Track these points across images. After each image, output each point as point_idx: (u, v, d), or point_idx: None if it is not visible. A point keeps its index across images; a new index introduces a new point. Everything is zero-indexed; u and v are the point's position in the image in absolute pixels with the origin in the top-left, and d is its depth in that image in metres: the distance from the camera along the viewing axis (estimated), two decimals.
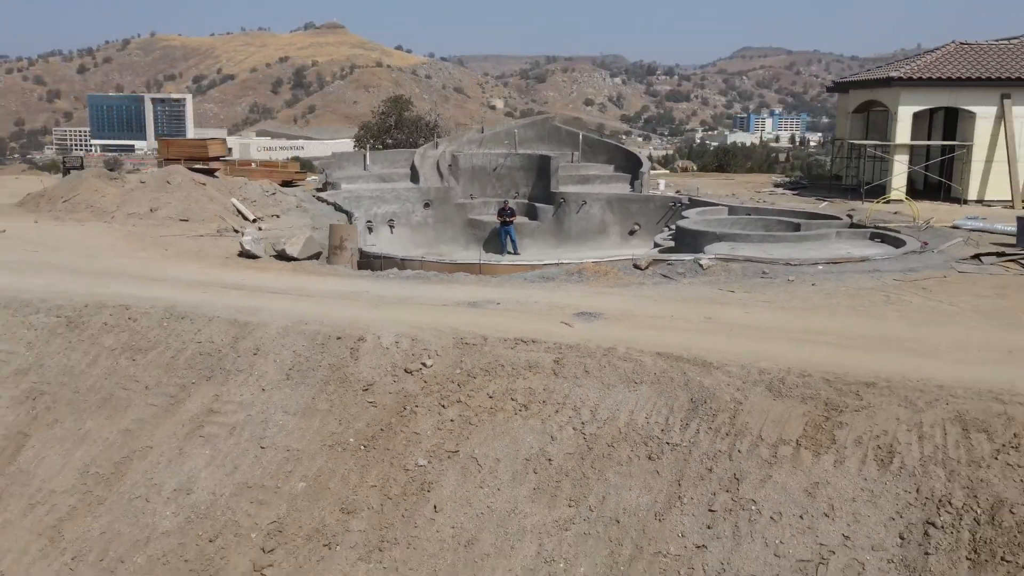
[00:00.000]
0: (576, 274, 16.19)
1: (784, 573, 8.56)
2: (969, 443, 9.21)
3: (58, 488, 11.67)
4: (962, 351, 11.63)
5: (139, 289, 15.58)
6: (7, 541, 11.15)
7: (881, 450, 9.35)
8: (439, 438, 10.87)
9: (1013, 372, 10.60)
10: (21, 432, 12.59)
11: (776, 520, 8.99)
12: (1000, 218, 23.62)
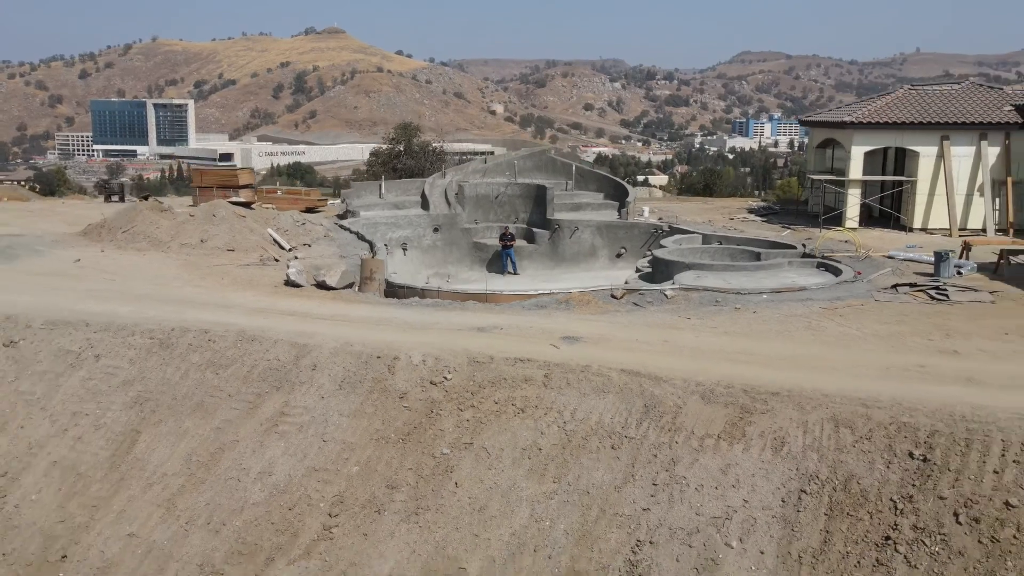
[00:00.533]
0: (564, 303, 20.03)
1: (702, 526, 12.36)
2: (837, 436, 13.00)
3: (168, 471, 15.47)
4: (852, 369, 15.43)
5: (212, 315, 19.39)
6: (134, 511, 14.94)
7: (776, 441, 13.15)
8: (458, 433, 14.66)
9: (882, 385, 14.39)
10: (134, 430, 16.38)
11: (699, 490, 12.78)
12: (937, 246, 27.43)
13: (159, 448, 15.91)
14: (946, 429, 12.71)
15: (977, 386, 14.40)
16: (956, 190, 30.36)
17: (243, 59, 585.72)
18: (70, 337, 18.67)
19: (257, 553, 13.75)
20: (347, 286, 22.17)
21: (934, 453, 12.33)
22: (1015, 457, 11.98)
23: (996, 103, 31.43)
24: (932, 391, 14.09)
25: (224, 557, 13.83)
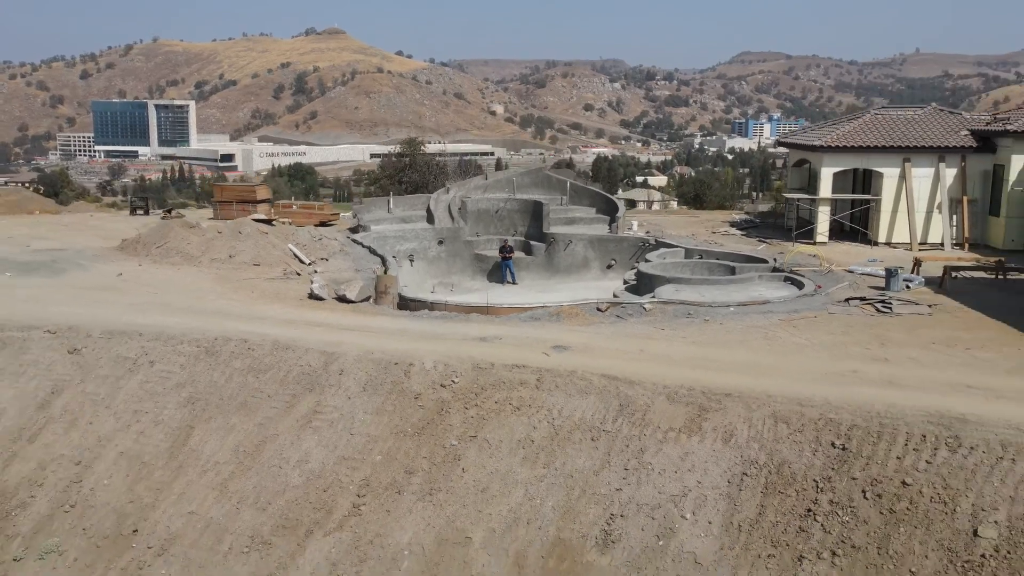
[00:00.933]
0: (555, 315, 22.97)
1: (663, 502, 15.27)
2: (775, 429, 15.92)
3: (219, 460, 18.39)
4: (796, 374, 18.36)
5: (248, 326, 22.32)
6: (192, 493, 17.86)
7: (725, 433, 16.07)
8: (464, 428, 17.58)
9: (818, 387, 17.32)
10: (188, 425, 19.30)
11: (662, 473, 15.70)
12: (896, 259, 30.37)
13: (210, 441, 18.85)
14: (863, 423, 15.64)
15: (897, 388, 17.33)
16: (916, 208, 33.29)
17: (243, 59, 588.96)
18: (126, 345, 21.61)
19: (298, 527, 16.67)
20: (364, 299, 25.12)
21: (851, 443, 15.26)
22: (915, 446, 14.91)
23: (954, 128, 34.36)
24: (858, 392, 17.02)
25: (271, 530, 16.75)
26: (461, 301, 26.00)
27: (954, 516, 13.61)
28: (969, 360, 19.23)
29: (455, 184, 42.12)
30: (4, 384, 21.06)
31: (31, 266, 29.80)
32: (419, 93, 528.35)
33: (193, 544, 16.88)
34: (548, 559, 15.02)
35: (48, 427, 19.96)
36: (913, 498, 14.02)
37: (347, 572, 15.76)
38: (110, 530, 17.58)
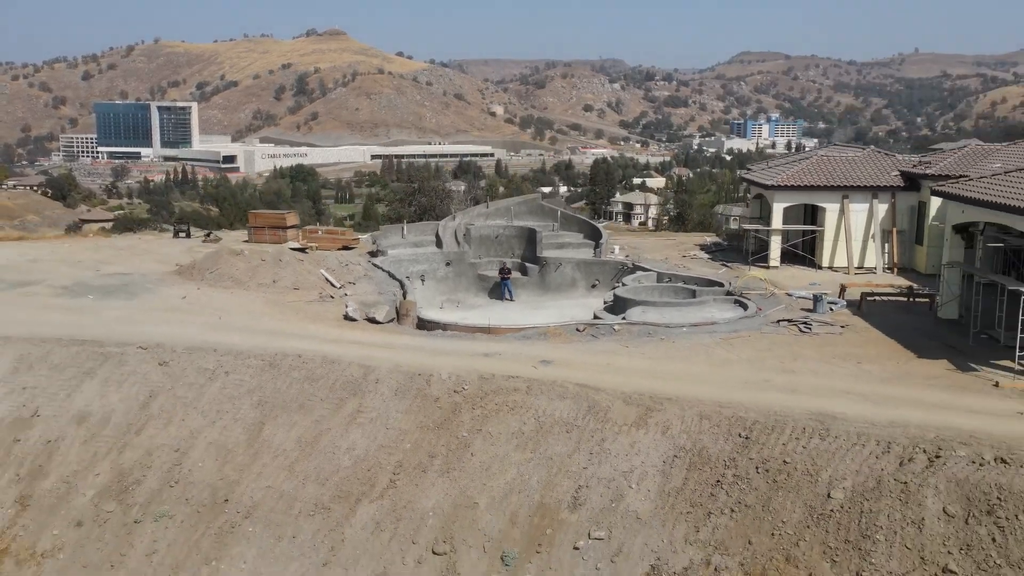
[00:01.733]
0: (543, 335, 29.02)
1: (616, 476, 21.29)
2: (700, 424, 21.96)
3: (286, 448, 24.42)
4: (721, 383, 24.40)
5: (300, 343, 28.37)
6: (268, 473, 23.86)
7: (663, 427, 22.10)
8: (472, 424, 23.60)
9: (735, 393, 23.35)
10: (260, 422, 25.33)
11: (616, 456, 21.73)
12: (835, 282, 36.37)
13: (278, 433, 24.89)
14: (763, 420, 21.68)
15: (794, 393, 23.38)
16: (854, 238, 39.33)
17: (244, 60, 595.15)
18: (205, 359, 27.66)
19: (349, 496, 22.70)
20: (390, 320, 31.17)
21: (752, 434, 21.30)
22: (796, 436, 20.95)
23: (887, 168, 40.40)
24: (764, 397, 23.08)
25: (329, 499, 22.79)
26: (468, 322, 31.93)
27: (816, 483, 19.66)
28: (856, 371, 25.30)
29: (460, 212, 48.17)
30: (111, 390, 27.12)
31: (108, 289, 35.87)
32: (419, 94, 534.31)
33: (271, 509, 22.92)
34: (533, 517, 21.06)
35: (149, 423, 26.00)
36: (790, 472, 20.07)
37: (387, 529, 21.79)
38: (207, 500, 23.62)
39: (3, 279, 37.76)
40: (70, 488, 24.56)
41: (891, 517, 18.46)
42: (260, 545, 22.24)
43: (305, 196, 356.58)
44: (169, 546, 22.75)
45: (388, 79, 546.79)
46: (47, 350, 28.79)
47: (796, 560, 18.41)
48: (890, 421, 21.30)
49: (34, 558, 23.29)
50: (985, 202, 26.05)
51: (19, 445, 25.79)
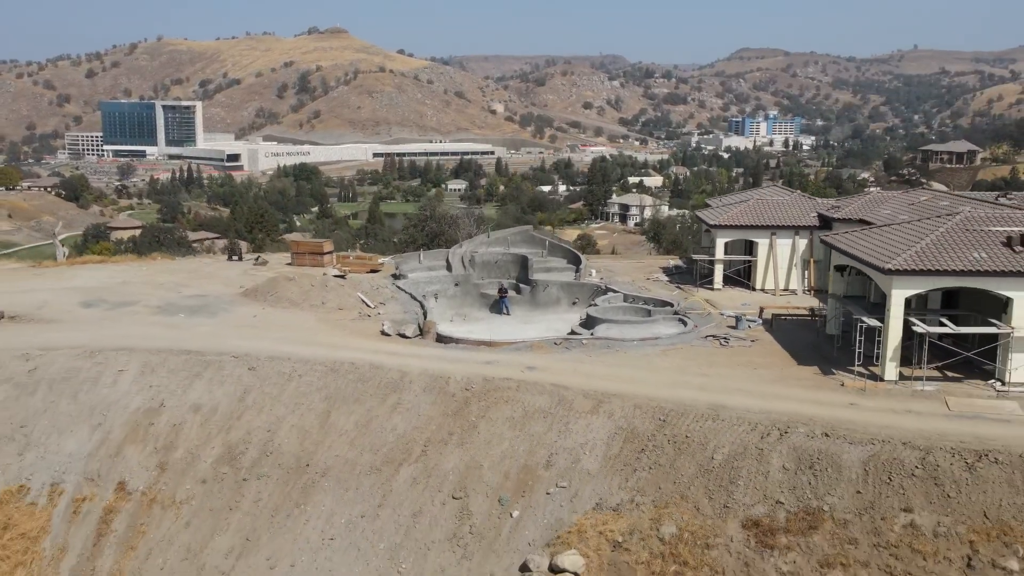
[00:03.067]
0: (529, 347, 39.59)
1: (574, 447, 31.89)
2: (634, 412, 32.56)
3: (347, 429, 35.02)
4: (654, 383, 34.98)
5: (350, 354, 38.96)
6: (335, 446, 34.46)
7: (609, 414, 32.71)
8: (478, 412, 34.21)
9: (662, 391, 33.93)
10: (327, 411, 35.93)
11: (577, 433, 32.34)
12: (762, 301, 46.87)
13: (340, 419, 35.48)
14: (678, 409, 32.26)
15: (703, 391, 33.94)
16: (780, 266, 49.89)
17: (247, 58, 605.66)
18: (282, 365, 38.26)
19: (394, 461, 33.29)
20: (416, 335, 41.75)
21: (668, 418, 31.89)
22: (697, 419, 31.52)
23: (808, 211, 50.95)
24: (681, 393, 33.65)
25: (380, 463, 33.39)
26: (474, 337, 42.49)
27: (705, 450, 30.25)
28: (750, 375, 35.92)
29: (467, 241, 58.81)
30: (215, 387, 37.72)
31: (192, 309, 46.52)
32: (420, 92, 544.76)
33: (339, 471, 33.51)
34: (520, 474, 31.65)
35: (246, 412, 36.61)
36: (689, 443, 30.65)
37: (421, 482, 32.40)
38: (293, 465, 34.21)
39: (107, 300, 48.41)
40: (194, 457, 35.20)
41: (749, 470, 29.09)
42: (333, 495, 32.85)
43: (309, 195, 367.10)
44: (269, 496, 33.39)
45: (389, 77, 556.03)
46: (163, 358, 39.43)
47: (688, 498, 29.03)
48: (761, 409, 31.89)
49: (174, 505, 33.96)
50: (844, 252, 36.67)
51: (153, 427, 36.44)
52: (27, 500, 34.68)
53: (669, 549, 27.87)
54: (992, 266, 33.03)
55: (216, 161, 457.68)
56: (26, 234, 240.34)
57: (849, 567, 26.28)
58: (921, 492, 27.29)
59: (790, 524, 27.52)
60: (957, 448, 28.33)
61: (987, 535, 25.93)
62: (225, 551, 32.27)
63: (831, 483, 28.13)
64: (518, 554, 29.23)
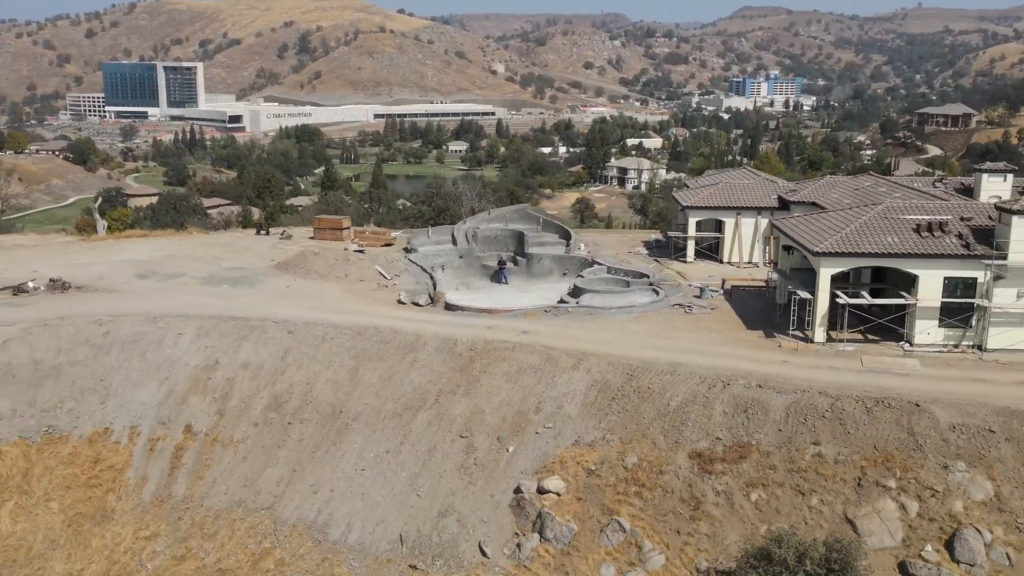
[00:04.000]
0: (524, 314, 47.25)
1: (559, 396, 39.71)
2: (607, 367, 40.31)
3: (373, 382, 42.83)
4: (625, 344, 42.67)
5: (373, 320, 46.68)
6: (364, 396, 42.28)
7: (587, 370, 40.46)
8: (481, 368, 41.98)
9: (631, 351, 41.62)
10: (355, 368, 43.73)
11: (561, 385, 40.13)
12: (725, 273, 54.44)
13: (367, 375, 43.29)
14: (642, 365, 40.01)
15: (664, 351, 41.66)
16: (744, 242, 57.37)
17: (247, 18, 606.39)
18: (316, 330, 45.98)
19: (413, 407, 41.13)
20: (428, 304, 49.39)
21: (635, 373, 39.63)
22: (657, 374, 39.27)
23: (770, 193, 58.30)
24: (647, 353, 41.38)
25: (401, 410, 41.24)
26: (476, 305, 50.11)
27: (663, 398, 38.05)
28: (706, 337, 43.62)
29: (470, 218, 66.22)
30: (261, 348, 45.44)
31: (233, 280, 54.15)
32: (421, 53, 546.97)
33: (367, 416, 41.36)
34: (514, 418, 39.49)
35: (287, 369, 44.38)
36: (651, 393, 38.42)
37: (434, 424, 40.27)
38: (328, 411, 42.05)
39: (158, 272, 56.04)
40: (246, 405, 43.06)
41: (696, 414, 36.88)
42: (363, 435, 40.73)
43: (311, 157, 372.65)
44: (310, 436, 41.29)
45: (390, 37, 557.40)
46: (215, 323, 47.12)
47: (647, 436, 36.86)
48: (710, 366, 39.61)
49: (232, 443, 41.86)
50: (786, 234, 44.20)
51: (211, 381, 44.24)
52: (111, 440, 42.59)
53: (631, 475, 35.79)
54: (902, 249, 40.57)
55: (218, 122, 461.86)
56: (37, 197, 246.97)
57: (768, 487, 34.20)
58: (828, 430, 35.11)
59: (725, 455, 35.40)
60: (861, 396, 36.12)
61: (874, 462, 33.79)
62: (276, 480, 40.23)
63: (759, 423, 35.95)
64: (513, 480, 37.14)
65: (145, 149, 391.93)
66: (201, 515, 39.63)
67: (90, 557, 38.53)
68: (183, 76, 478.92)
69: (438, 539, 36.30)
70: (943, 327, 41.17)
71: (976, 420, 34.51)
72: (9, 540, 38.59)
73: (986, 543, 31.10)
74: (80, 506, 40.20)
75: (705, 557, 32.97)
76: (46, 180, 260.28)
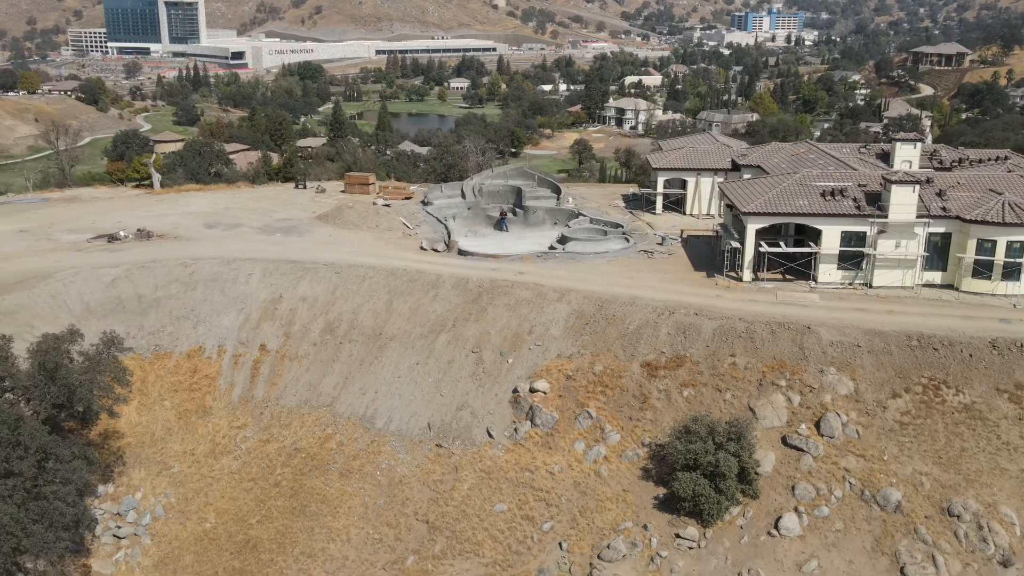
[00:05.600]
0: (520, 259, 60.45)
1: (547, 321, 53.18)
2: (583, 300, 53.72)
3: (404, 312, 56.30)
4: (599, 282, 55.94)
5: (402, 263, 60.02)
6: (397, 323, 55.83)
7: (568, 302, 53.87)
8: (487, 300, 55.38)
9: (603, 288, 54.93)
10: (390, 300, 57.15)
11: (548, 313, 53.58)
12: (687, 224, 67.51)
13: (399, 306, 56.76)
14: (609, 299, 53.40)
15: (627, 288, 54.99)
16: (703, 197, 70.29)
17: None
18: (358, 271, 59.34)
19: (435, 331, 54.64)
20: (445, 250, 62.62)
21: (604, 304, 53.05)
22: (621, 305, 52.66)
23: (725, 156, 70.91)
24: (614, 289, 54.73)
25: (426, 332, 54.75)
26: (483, 251, 63.23)
27: (624, 323, 51.51)
28: (662, 277, 56.94)
29: (476, 175, 78.98)
30: (315, 285, 58.81)
31: (285, 230, 67.26)
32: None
33: (401, 337, 54.91)
34: (513, 338, 53.00)
35: (336, 301, 57.82)
36: (617, 319, 51.87)
37: (452, 343, 53.83)
38: (371, 333, 55.59)
39: (221, 223, 69.17)
40: (306, 330, 56.59)
41: (647, 334, 50.38)
42: (398, 351, 54.33)
43: (315, 95, 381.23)
44: (357, 352, 54.90)
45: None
46: (276, 265, 60.38)
47: (611, 351, 50.40)
48: (661, 299, 52.98)
49: (296, 358, 55.49)
50: (726, 196, 57.14)
51: (277, 310, 57.70)
52: (204, 356, 56.20)
53: (598, 379, 49.39)
54: (810, 210, 53.60)
55: (220, 59, 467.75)
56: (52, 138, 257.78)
57: (696, 387, 47.81)
58: (742, 346, 48.61)
59: (667, 364, 48.97)
60: (769, 321, 49.55)
61: (772, 368, 47.36)
62: (333, 385, 53.90)
63: (693, 341, 49.44)
64: (511, 383, 50.74)
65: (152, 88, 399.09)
66: (278, 411, 53.45)
67: (197, 440, 52.44)
68: (184, 11, 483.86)
69: (456, 426, 50.06)
70: (840, 269, 54.42)
71: (849, 338, 48.01)
72: (137, 428, 52.43)
73: (843, 423, 44.83)
74: (186, 404, 54.00)
75: (648, 435, 46.76)
76: (61, 121, 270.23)
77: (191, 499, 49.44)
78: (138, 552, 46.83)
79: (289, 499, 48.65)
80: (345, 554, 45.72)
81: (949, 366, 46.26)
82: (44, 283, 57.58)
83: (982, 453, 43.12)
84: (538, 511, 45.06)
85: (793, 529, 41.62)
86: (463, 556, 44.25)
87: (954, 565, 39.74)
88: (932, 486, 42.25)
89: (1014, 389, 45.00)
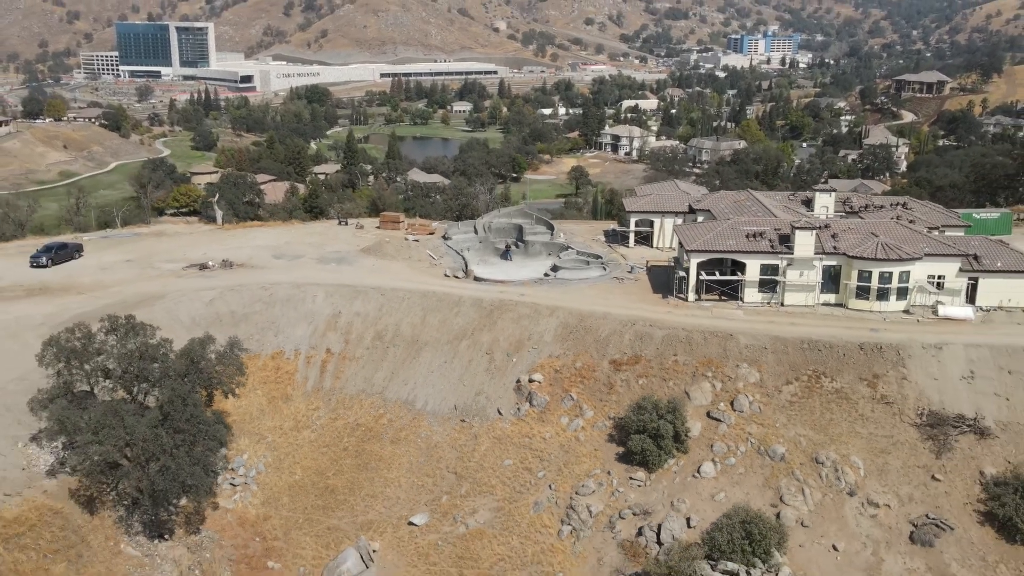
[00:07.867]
0: (522, 283, 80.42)
1: (541, 331, 73.21)
2: (568, 316, 73.73)
3: (434, 324, 76.35)
4: (580, 302, 76.13)
5: (430, 287, 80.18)
6: (430, 331, 75.82)
7: (557, 317, 73.88)
8: (497, 315, 75.40)
9: (583, 305, 75.05)
10: (424, 316, 77.20)
11: (541, 325, 73.62)
12: (651, 256, 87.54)
13: (431, 319, 76.83)
14: (588, 314, 73.47)
15: (603, 306, 75.02)
16: (666, 235, 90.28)
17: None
18: (399, 294, 79.53)
19: (459, 338, 74.62)
20: (464, 276, 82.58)
21: (584, 319, 73.09)
22: (596, 319, 72.70)
23: (684, 201, 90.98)
24: (592, 307, 74.77)
25: (453, 339, 74.75)
26: (493, 277, 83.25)
27: (598, 332, 71.56)
28: (628, 298, 76.95)
29: (486, 215, 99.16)
30: (366, 303, 78.93)
31: (338, 260, 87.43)
32: (425, 11, 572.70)
33: (433, 343, 74.88)
34: (516, 343, 73.00)
35: (383, 316, 77.93)
36: (592, 329, 71.88)
37: (472, 347, 73.82)
38: (409, 340, 75.63)
39: (286, 254, 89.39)
40: (361, 337, 76.65)
41: (615, 340, 70.44)
42: (431, 354, 74.32)
43: (323, 118, 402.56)
44: (400, 354, 74.97)
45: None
46: (336, 288, 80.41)
47: (587, 352, 70.42)
48: (627, 314, 73.00)
49: (354, 359, 75.56)
50: (679, 236, 77.24)
51: (338, 323, 77.77)
52: (284, 357, 76.13)
53: (579, 372, 69.32)
54: (737, 248, 73.74)
55: (230, 82, 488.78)
56: (81, 164, 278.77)
57: (648, 378, 67.71)
58: (683, 348, 68.55)
59: (628, 361, 68.89)
60: (704, 330, 69.53)
61: (703, 364, 67.29)
62: (382, 378, 73.80)
63: (647, 344, 69.37)
64: (515, 376, 70.64)
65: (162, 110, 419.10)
66: (342, 397, 73.32)
67: (284, 418, 72.29)
68: (194, 36, 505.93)
69: (475, 407, 69.90)
70: (760, 292, 74.51)
71: (759, 342, 67.96)
72: (239, 409, 72.25)
73: (749, 402, 64.71)
74: (273, 392, 73.87)
75: (612, 411, 66.57)
76: (87, 147, 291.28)
77: (283, 459, 69.23)
78: (249, 495, 66.58)
79: (355, 459, 68.44)
80: (397, 495, 65.47)
81: (828, 362, 66.13)
82: (160, 302, 77.56)
83: (844, 421, 62.94)
84: (534, 464, 64.78)
85: (710, 473, 61.38)
86: (481, 495, 63.97)
87: (816, 495, 59.47)
88: (807, 443, 62.05)
89: (871, 378, 64.86)
